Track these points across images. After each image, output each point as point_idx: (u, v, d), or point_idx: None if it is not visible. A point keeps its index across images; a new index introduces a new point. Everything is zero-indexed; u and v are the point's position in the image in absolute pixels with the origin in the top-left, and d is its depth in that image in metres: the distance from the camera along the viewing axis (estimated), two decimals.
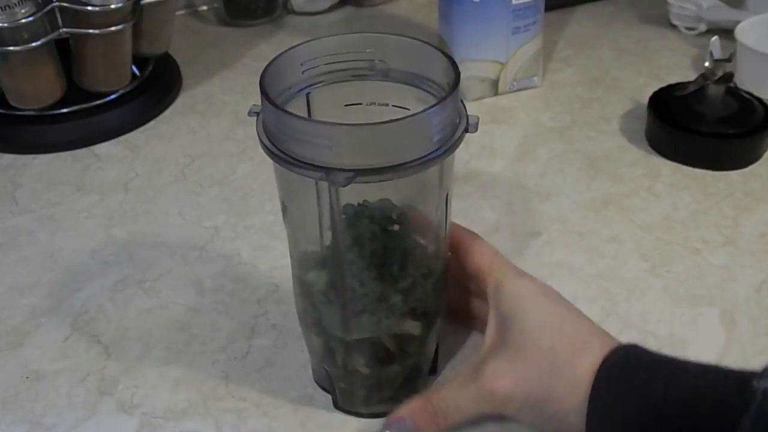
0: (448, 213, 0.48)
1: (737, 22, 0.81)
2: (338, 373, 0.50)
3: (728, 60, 0.72)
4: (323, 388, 0.53)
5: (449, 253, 0.50)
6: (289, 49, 0.45)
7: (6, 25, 0.70)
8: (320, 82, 0.47)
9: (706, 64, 0.73)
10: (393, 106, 0.47)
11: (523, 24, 0.79)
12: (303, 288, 0.48)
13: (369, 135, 0.41)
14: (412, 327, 0.48)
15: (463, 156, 0.73)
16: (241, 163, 0.74)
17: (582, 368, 0.44)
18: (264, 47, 0.92)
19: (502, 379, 0.45)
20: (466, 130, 0.44)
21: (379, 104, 0.48)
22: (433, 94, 0.46)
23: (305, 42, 0.46)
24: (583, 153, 0.74)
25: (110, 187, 0.72)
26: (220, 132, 0.79)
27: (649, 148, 0.75)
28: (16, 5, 0.69)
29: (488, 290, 0.49)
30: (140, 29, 0.79)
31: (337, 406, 0.52)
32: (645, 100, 0.76)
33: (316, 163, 0.41)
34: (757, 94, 0.74)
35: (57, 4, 0.72)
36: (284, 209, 0.47)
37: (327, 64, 0.47)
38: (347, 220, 0.44)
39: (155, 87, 0.83)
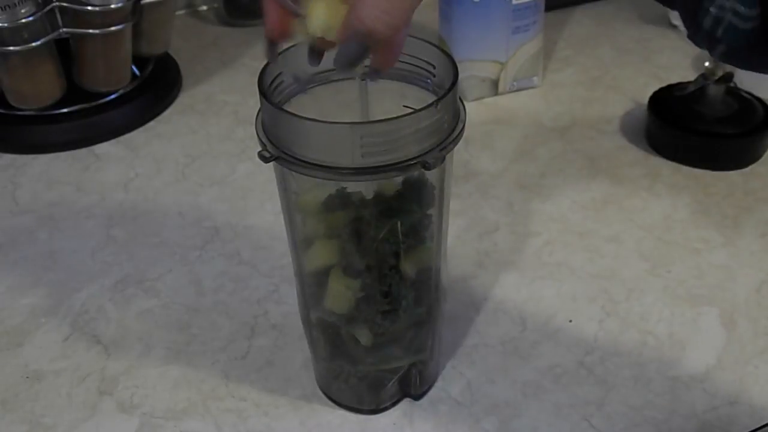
0: (446, 213, 0.48)
1: None
2: (341, 351, 0.50)
3: None
4: (326, 395, 0.53)
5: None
6: (288, 48, 0.45)
7: (6, 25, 0.70)
8: (319, 81, 0.47)
9: (706, 64, 0.73)
10: (393, 104, 0.47)
11: (523, 24, 0.79)
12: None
13: (368, 133, 0.40)
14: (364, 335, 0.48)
15: (463, 156, 0.73)
16: (241, 163, 0.74)
17: None
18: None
19: None
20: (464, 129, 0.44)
21: (378, 103, 0.48)
22: (433, 93, 0.46)
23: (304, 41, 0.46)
24: (583, 153, 0.74)
25: (110, 187, 0.72)
26: (220, 132, 0.79)
27: (649, 148, 0.75)
28: (16, 5, 0.69)
29: None
30: (140, 29, 0.79)
31: (339, 403, 0.52)
32: (645, 100, 0.76)
33: (316, 163, 0.41)
34: (757, 94, 0.74)
35: (57, 4, 0.72)
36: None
37: (326, 62, 0.47)
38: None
39: (155, 87, 0.83)
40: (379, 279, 0.46)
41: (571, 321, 0.58)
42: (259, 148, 0.43)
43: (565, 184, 0.71)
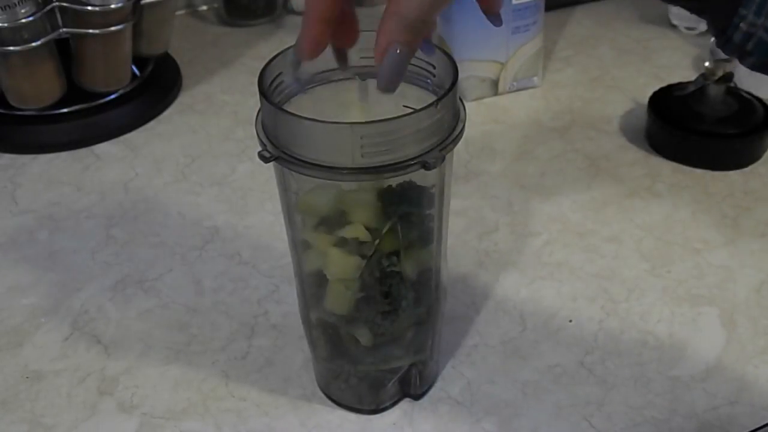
0: (446, 213, 0.48)
1: None
2: (340, 351, 0.50)
3: (728, 60, 0.72)
4: (326, 395, 0.53)
5: None
6: (288, 48, 0.45)
7: (6, 25, 0.70)
8: (319, 81, 0.47)
9: (706, 64, 0.73)
10: (393, 104, 0.47)
11: (523, 24, 0.79)
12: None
13: (368, 133, 0.40)
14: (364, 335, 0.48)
15: (463, 156, 0.73)
16: (241, 163, 0.74)
17: None
18: (264, 47, 0.92)
19: None
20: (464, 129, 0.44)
21: (378, 103, 0.48)
22: (433, 93, 0.46)
23: None
24: (583, 153, 0.74)
25: (110, 187, 0.72)
26: (220, 132, 0.79)
27: (649, 148, 0.75)
28: (16, 5, 0.69)
29: None
30: (140, 29, 0.79)
31: (339, 403, 0.52)
32: (645, 100, 0.76)
33: (316, 163, 0.41)
34: (757, 94, 0.74)
35: (57, 4, 0.72)
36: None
37: (326, 62, 0.47)
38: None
39: (155, 87, 0.83)
40: (379, 279, 0.46)
41: (571, 321, 0.58)
42: (259, 148, 0.43)
43: (565, 184, 0.71)
